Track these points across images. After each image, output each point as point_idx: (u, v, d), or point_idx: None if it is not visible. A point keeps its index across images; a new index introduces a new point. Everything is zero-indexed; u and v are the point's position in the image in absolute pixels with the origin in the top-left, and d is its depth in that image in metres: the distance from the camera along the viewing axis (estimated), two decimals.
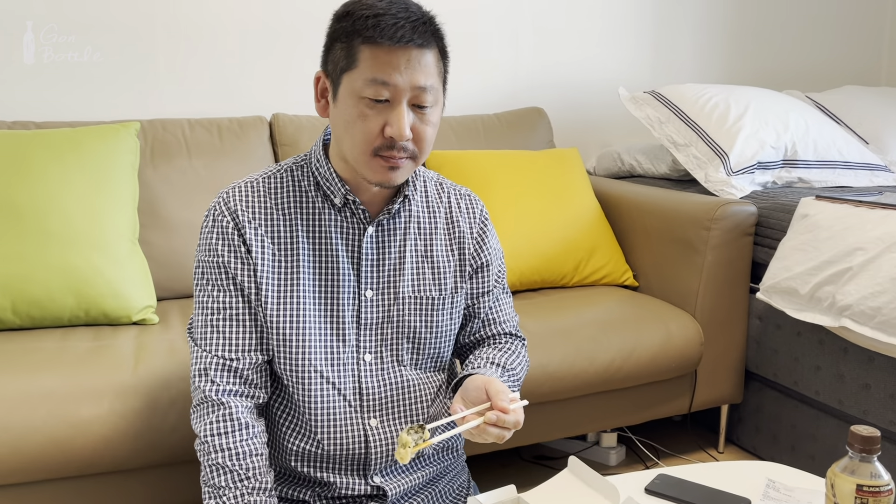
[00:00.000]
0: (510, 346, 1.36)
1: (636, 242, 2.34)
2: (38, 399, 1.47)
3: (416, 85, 1.12)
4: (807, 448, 2.06)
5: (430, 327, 1.28)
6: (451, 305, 1.30)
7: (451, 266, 1.31)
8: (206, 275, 1.22)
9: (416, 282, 1.27)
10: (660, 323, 2.05)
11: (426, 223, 1.30)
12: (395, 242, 1.26)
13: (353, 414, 1.24)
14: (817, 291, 1.82)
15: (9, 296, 1.71)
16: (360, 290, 1.24)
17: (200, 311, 1.22)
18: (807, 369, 2.01)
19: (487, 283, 1.35)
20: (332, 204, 1.23)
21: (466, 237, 1.33)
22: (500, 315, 1.38)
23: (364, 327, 1.24)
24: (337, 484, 1.23)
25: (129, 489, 1.57)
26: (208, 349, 1.20)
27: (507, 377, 1.27)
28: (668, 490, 1.25)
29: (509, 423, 1.10)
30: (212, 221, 1.22)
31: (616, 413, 2.05)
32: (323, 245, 1.23)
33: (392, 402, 1.26)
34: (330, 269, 1.23)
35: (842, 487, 0.92)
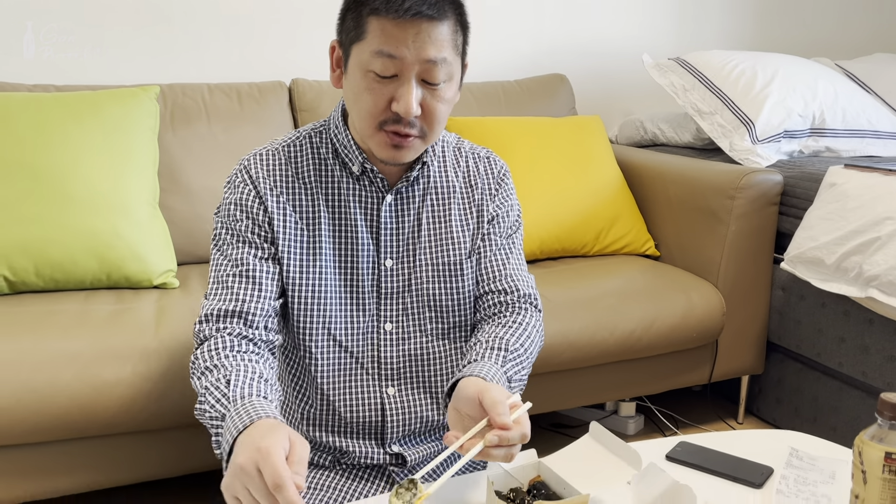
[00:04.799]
0: (518, 318, 1.26)
1: (658, 212, 2.31)
2: (63, 361, 1.48)
3: (426, 59, 1.07)
4: (829, 420, 2.04)
5: (451, 294, 1.26)
6: (470, 270, 1.28)
7: (469, 230, 1.28)
8: (223, 239, 1.20)
9: (435, 249, 1.26)
10: (681, 293, 2.03)
11: (444, 189, 1.28)
12: (413, 210, 1.24)
13: (370, 382, 1.23)
14: (844, 261, 1.79)
15: (31, 259, 1.72)
16: (380, 259, 1.23)
17: (214, 271, 1.20)
18: (830, 341, 1.99)
19: (495, 236, 1.29)
20: (350, 172, 1.22)
21: (485, 194, 1.30)
22: (507, 270, 1.29)
23: (384, 296, 1.23)
24: (355, 451, 1.23)
25: (151, 450, 1.59)
26: (218, 298, 1.14)
27: (511, 362, 1.17)
28: (689, 457, 1.24)
29: (514, 440, 0.97)
30: (233, 188, 1.21)
31: (636, 382, 2.04)
32: (342, 214, 1.21)
33: (411, 371, 1.25)
34: (349, 239, 1.21)
35: (870, 455, 0.90)
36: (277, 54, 2.48)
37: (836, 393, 2.02)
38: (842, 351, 1.96)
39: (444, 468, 1.22)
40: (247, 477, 0.85)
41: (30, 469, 1.51)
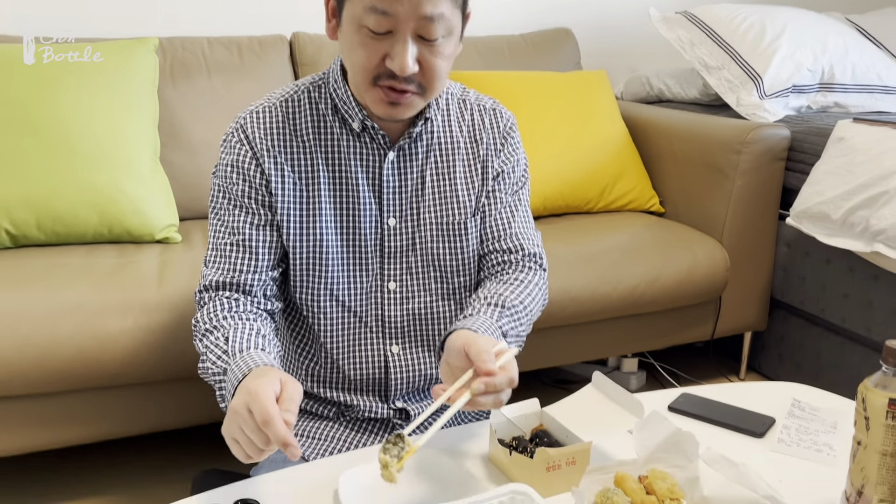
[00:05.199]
0: (521, 275, 1.23)
1: (663, 168, 2.29)
2: (66, 313, 1.48)
3: (422, 15, 1.01)
4: (831, 376, 2.04)
5: (455, 254, 1.24)
6: (475, 227, 1.25)
7: (474, 186, 1.24)
8: (220, 204, 1.18)
9: (439, 208, 1.22)
10: (686, 249, 2.02)
11: (448, 145, 1.23)
12: (416, 168, 1.21)
13: (373, 340, 1.23)
14: (850, 216, 1.78)
15: (33, 212, 1.71)
16: (383, 218, 1.20)
17: (213, 236, 1.19)
18: (835, 297, 1.98)
19: (500, 193, 1.25)
20: (350, 129, 1.17)
21: (490, 150, 1.25)
22: (512, 228, 1.25)
23: (388, 256, 1.21)
24: (359, 406, 1.24)
25: (155, 401, 1.60)
26: (216, 268, 1.16)
27: (507, 317, 1.15)
28: (691, 408, 1.25)
29: (501, 385, 0.96)
30: (229, 148, 1.17)
31: (638, 338, 2.05)
32: (342, 173, 1.18)
33: (415, 330, 1.24)
34: (350, 198, 1.18)
35: (873, 401, 0.90)
36: (278, 7, 2.44)
37: (838, 349, 2.02)
38: (846, 307, 1.96)
39: (434, 421, 1.24)
40: (239, 417, 0.90)
41: (33, 420, 1.52)
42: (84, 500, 1.69)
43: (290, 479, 1.04)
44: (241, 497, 0.98)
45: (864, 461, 0.91)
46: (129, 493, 1.71)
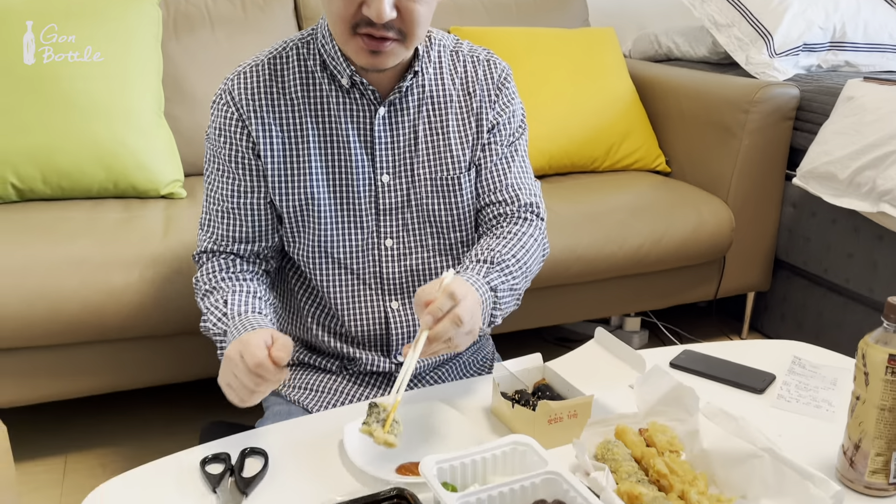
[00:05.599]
0: (514, 228, 1.21)
1: (671, 127, 2.27)
2: (72, 267, 1.49)
3: None
4: (832, 336, 2.05)
5: (449, 210, 1.22)
6: (469, 183, 1.23)
7: (468, 141, 1.22)
8: (212, 164, 1.19)
9: (433, 163, 1.20)
10: (691, 209, 2.01)
11: (440, 99, 1.21)
12: (408, 122, 1.19)
13: (373, 297, 1.23)
14: (857, 176, 1.77)
15: (38, 166, 1.71)
16: (376, 175, 1.18)
17: (206, 199, 1.21)
18: (839, 257, 1.98)
19: (495, 146, 1.23)
20: (339, 85, 1.15)
21: (484, 102, 1.22)
22: (508, 179, 1.23)
23: (383, 213, 1.20)
24: (361, 359, 1.25)
25: (161, 354, 1.62)
26: (209, 234, 1.20)
27: (496, 272, 1.12)
28: (692, 364, 1.26)
29: (444, 306, 0.95)
30: (217, 112, 1.16)
31: (642, 297, 2.05)
32: (332, 130, 1.16)
33: (414, 286, 1.24)
34: (341, 156, 1.17)
35: (873, 357, 0.91)
36: None
37: (840, 309, 2.02)
38: (850, 267, 1.96)
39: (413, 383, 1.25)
40: (232, 363, 0.98)
41: (42, 372, 1.54)
42: (94, 450, 1.72)
43: (295, 430, 1.06)
44: (247, 447, 1.00)
45: (863, 416, 0.93)
46: (138, 444, 1.74)
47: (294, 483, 0.94)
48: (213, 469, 0.96)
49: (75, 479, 1.61)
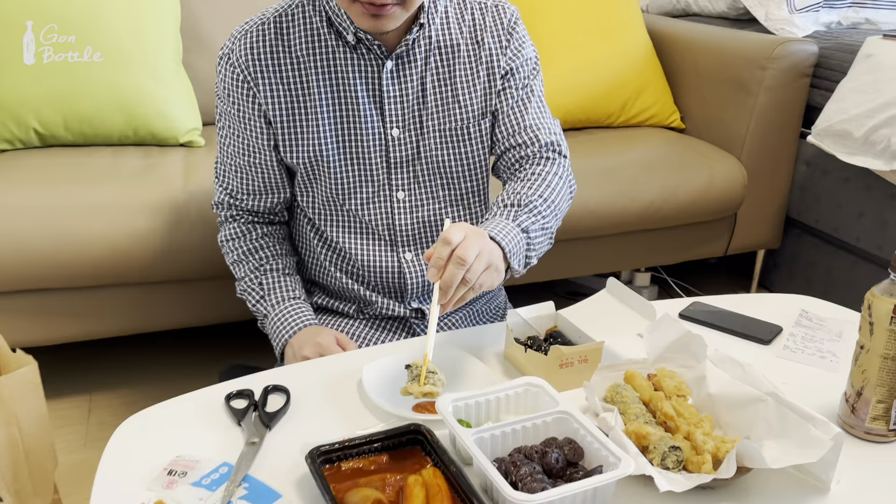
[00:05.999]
0: (537, 169, 1.20)
1: (686, 83, 2.27)
2: (98, 210, 1.53)
3: None
4: (840, 294, 2.08)
5: (460, 160, 1.24)
6: (479, 132, 1.24)
7: (477, 90, 1.22)
8: (223, 120, 1.23)
9: (442, 112, 1.21)
10: (704, 165, 2.02)
11: (448, 49, 1.21)
12: (416, 75, 1.19)
13: (386, 249, 1.26)
14: (872, 134, 1.77)
15: (60, 112, 1.74)
16: (386, 129, 1.20)
17: (219, 151, 1.26)
18: (850, 215, 2.00)
19: (511, 90, 1.23)
20: (345, 42, 1.16)
21: (494, 51, 1.22)
22: (525, 121, 1.23)
23: (394, 166, 1.22)
24: (378, 304, 1.29)
25: (183, 299, 1.67)
26: (223, 186, 1.27)
27: (525, 213, 1.13)
28: (701, 316, 1.29)
29: (442, 255, 0.95)
30: (223, 71, 1.18)
31: (652, 253, 2.08)
32: (340, 88, 1.17)
33: (427, 237, 1.27)
34: (350, 111, 1.18)
35: (879, 308, 0.93)
36: None
37: (849, 267, 2.04)
38: (860, 225, 1.97)
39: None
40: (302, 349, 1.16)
41: (70, 312, 1.59)
42: (117, 389, 1.78)
43: (316, 370, 1.10)
44: (270, 384, 1.04)
45: (866, 364, 0.95)
46: (160, 385, 1.80)
47: (315, 418, 0.98)
48: (238, 404, 1.00)
49: (100, 415, 1.67)
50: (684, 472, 0.86)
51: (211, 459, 0.89)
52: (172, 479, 0.86)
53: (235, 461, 0.89)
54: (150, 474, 0.87)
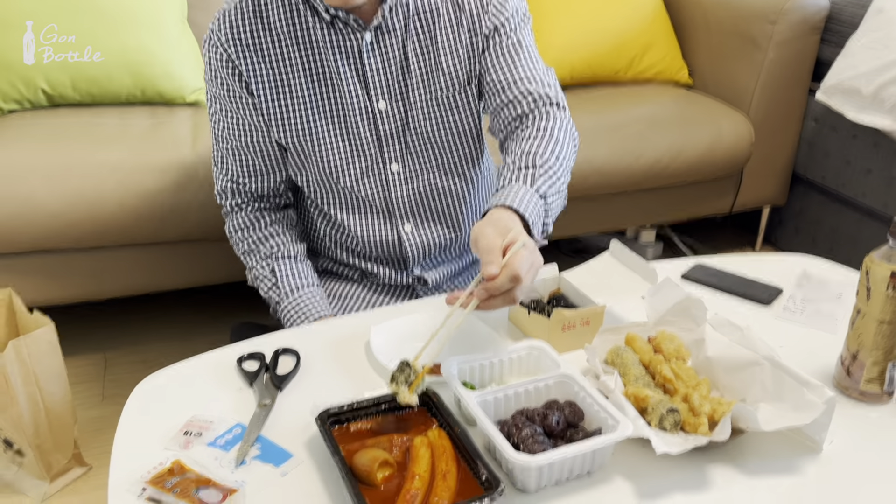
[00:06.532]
0: (541, 124, 1.14)
1: (695, 38, 2.25)
2: (107, 170, 1.56)
3: None
4: (844, 250, 2.09)
5: (449, 128, 1.22)
6: (467, 98, 1.21)
7: (461, 55, 1.19)
8: (213, 104, 1.22)
9: (427, 81, 1.19)
10: (711, 122, 2.02)
11: (427, 15, 1.18)
12: (397, 44, 1.17)
13: (385, 221, 1.27)
14: (882, 91, 1.77)
15: (67, 72, 1.74)
16: (372, 102, 1.18)
17: (214, 137, 1.25)
18: (857, 172, 2.00)
19: (497, 46, 1.18)
20: (321, 18, 1.14)
21: (475, 11, 1.18)
22: (516, 74, 1.17)
23: (384, 139, 1.21)
24: (380, 274, 1.31)
25: (195, 257, 1.71)
26: (223, 172, 1.26)
27: (542, 176, 1.07)
28: (703, 277, 1.30)
29: (503, 286, 0.90)
30: (208, 54, 1.18)
31: (657, 210, 2.09)
32: (322, 64, 1.17)
33: (423, 207, 1.27)
34: (335, 88, 1.17)
35: (876, 273, 0.95)
36: None
37: (855, 224, 2.05)
38: (867, 182, 1.98)
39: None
40: None
41: (85, 272, 1.63)
42: (131, 346, 1.83)
43: (324, 332, 1.13)
44: (280, 347, 1.07)
45: (862, 328, 0.98)
46: (172, 342, 1.85)
47: (325, 380, 1.02)
48: (249, 366, 1.03)
49: (115, 372, 1.72)
50: (681, 433, 0.89)
51: (224, 420, 0.93)
52: (188, 440, 0.90)
53: (248, 422, 0.92)
54: (167, 434, 0.90)
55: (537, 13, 2.05)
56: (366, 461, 0.83)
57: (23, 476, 1.34)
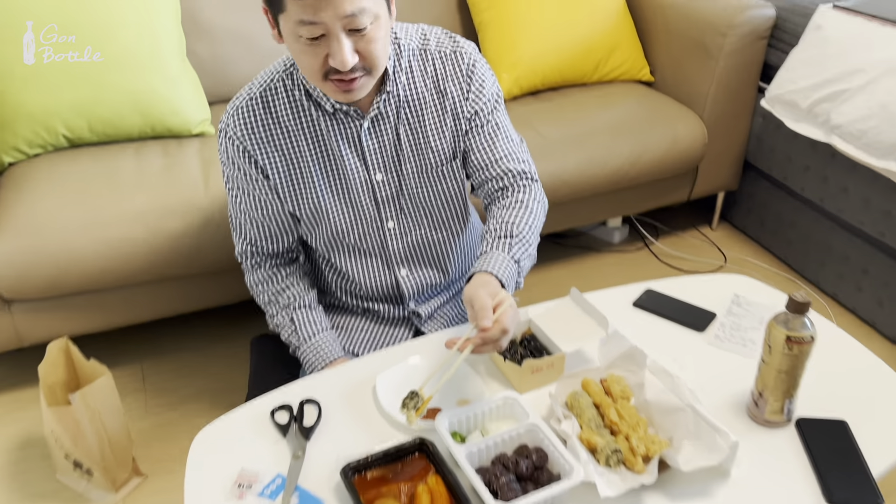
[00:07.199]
0: (519, 195, 1.37)
1: (656, 39, 2.41)
2: (133, 218, 1.76)
3: (345, 14, 1.11)
4: (787, 234, 2.34)
5: (438, 195, 1.43)
6: (453, 171, 1.41)
7: (446, 135, 1.37)
8: (230, 182, 1.40)
9: (417, 157, 1.37)
10: (668, 127, 2.22)
11: (416, 102, 1.35)
12: (390, 127, 1.34)
13: (384, 268, 1.49)
14: (815, 107, 1.97)
15: (84, 117, 1.91)
16: (370, 175, 1.38)
17: (232, 207, 1.44)
18: (797, 168, 2.22)
19: (478, 128, 1.38)
20: (325, 111, 1.31)
21: (457, 99, 1.36)
22: (495, 154, 1.38)
23: (381, 203, 1.41)
24: (380, 311, 1.55)
25: (217, 284, 1.92)
26: (242, 237, 1.47)
27: (517, 245, 1.30)
28: (650, 304, 1.55)
29: (494, 337, 1.15)
30: (223, 143, 1.36)
31: (621, 205, 2.31)
32: (327, 148, 1.35)
33: (417, 255, 1.49)
34: (338, 167, 1.37)
35: (776, 336, 1.19)
36: None
37: (796, 211, 2.29)
38: (806, 177, 2.20)
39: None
40: None
41: (119, 305, 1.85)
42: (164, 357, 2.05)
43: (339, 380, 1.36)
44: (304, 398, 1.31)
45: (766, 374, 1.23)
46: (199, 352, 2.07)
47: (343, 428, 1.26)
48: (280, 418, 1.28)
49: (153, 382, 1.96)
50: (623, 468, 1.16)
51: (268, 471, 1.18)
52: (242, 491, 1.15)
53: (286, 472, 1.18)
54: (224, 486, 1.15)
55: (512, 26, 2.22)
56: None
57: (91, 489, 1.61)
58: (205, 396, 1.90)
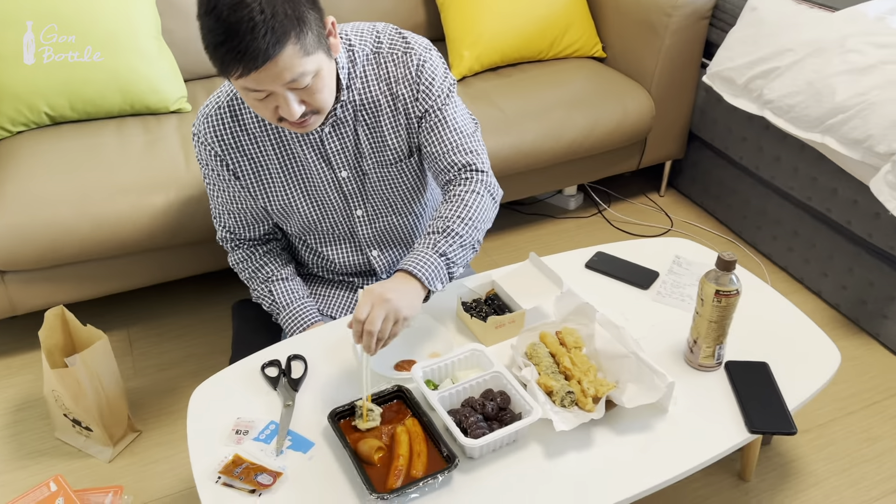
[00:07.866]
0: (459, 189, 1.40)
1: (608, 18, 2.55)
2: (120, 194, 1.85)
3: (285, 82, 1.17)
4: (728, 199, 2.53)
5: (398, 187, 1.54)
6: (410, 167, 1.50)
7: (401, 134, 1.45)
8: (207, 178, 1.51)
9: (376, 155, 1.47)
10: (619, 100, 2.37)
11: (370, 104, 1.41)
12: (349, 129, 1.43)
13: (356, 251, 1.64)
14: (750, 83, 2.14)
15: (66, 97, 1.99)
16: (336, 174, 1.47)
17: (211, 198, 1.55)
18: (736, 139, 2.40)
19: (428, 125, 1.44)
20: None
21: (407, 100, 1.42)
22: (445, 147, 1.43)
23: (348, 196, 1.53)
24: (354, 282, 1.70)
25: (198, 253, 2.03)
26: (222, 225, 1.59)
27: (445, 239, 1.33)
28: (601, 266, 1.72)
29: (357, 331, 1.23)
30: (197, 146, 1.46)
31: (576, 174, 2.47)
32: (291, 153, 1.44)
33: (386, 238, 1.64)
34: (304, 170, 1.48)
35: (707, 290, 1.37)
36: None
37: (735, 179, 2.48)
38: (743, 147, 2.39)
39: None
40: None
41: (106, 274, 1.95)
42: (149, 322, 2.15)
43: (322, 338, 1.51)
44: (291, 353, 1.46)
45: (699, 324, 1.41)
46: (183, 317, 2.18)
47: (328, 380, 1.41)
48: (270, 372, 1.42)
49: (140, 346, 2.07)
50: (576, 407, 1.33)
51: (261, 419, 1.32)
52: (239, 437, 1.29)
53: (279, 419, 1.32)
54: (223, 433, 1.29)
55: (473, 5, 2.33)
56: (366, 448, 1.24)
57: (91, 444, 1.74)
58: (190, 359, 2.02)
